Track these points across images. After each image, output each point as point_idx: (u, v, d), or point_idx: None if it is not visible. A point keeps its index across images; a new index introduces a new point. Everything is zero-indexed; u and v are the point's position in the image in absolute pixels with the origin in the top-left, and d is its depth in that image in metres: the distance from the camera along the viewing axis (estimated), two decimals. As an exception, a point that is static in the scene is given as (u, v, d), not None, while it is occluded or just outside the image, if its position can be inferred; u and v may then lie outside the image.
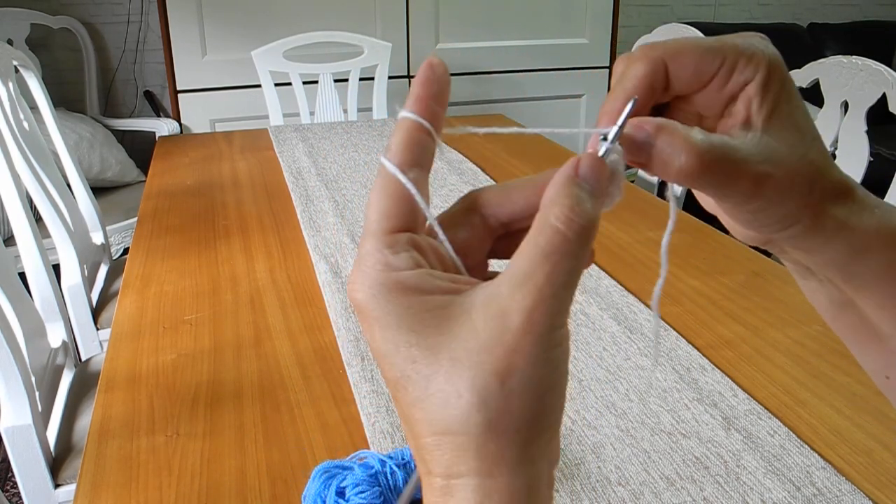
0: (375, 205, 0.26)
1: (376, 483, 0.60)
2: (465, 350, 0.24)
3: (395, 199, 0.26)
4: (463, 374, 0.24)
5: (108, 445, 0.72)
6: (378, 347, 0.25)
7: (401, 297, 0.25)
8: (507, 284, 0.24)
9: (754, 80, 0.29)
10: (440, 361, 0.24)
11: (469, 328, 0.24)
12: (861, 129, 1.37)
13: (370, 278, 0.25)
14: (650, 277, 1.07)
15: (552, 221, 0.24)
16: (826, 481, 0.65)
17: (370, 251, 0.26)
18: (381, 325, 0.25)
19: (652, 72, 0.29)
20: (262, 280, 1.07)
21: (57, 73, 2.87)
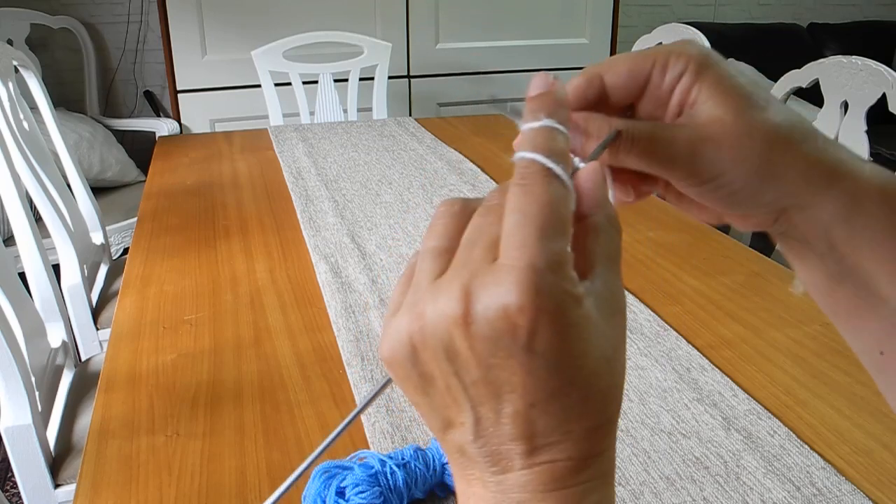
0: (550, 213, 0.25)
1: (376, 483, 0.60)
2: (612, 349, 0.27)
3: (569, 212, 0.27)
4: (615, 371, 0.27)
5: (108, 445, 0.72)
6: (551, 359, 0.25)
7: (578, 311, 0.25)
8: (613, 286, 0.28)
9: (687, 70, 0.32)
10: (598, 363, 0.26)
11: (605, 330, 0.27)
12: (861, 129, 1.37)
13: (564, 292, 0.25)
14: (650, 277, 1.07)
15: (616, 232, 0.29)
16: (826, 481, 0.65)
17: (562, 264, 0.25)
18: (564, 336, 0.25)
19: (587, 84, 0.33)
20: (262, 280, 1.07)
21: (57, 73, 2.87)
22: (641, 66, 0.32)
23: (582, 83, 0.33)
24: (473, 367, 0.25)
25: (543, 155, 0.27)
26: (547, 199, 0.26)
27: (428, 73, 2.80)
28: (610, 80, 0.33)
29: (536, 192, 0.26)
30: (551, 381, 0.25)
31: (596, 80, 0.33)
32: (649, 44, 1.98)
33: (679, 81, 0.32)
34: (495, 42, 2.85)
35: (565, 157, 0.27)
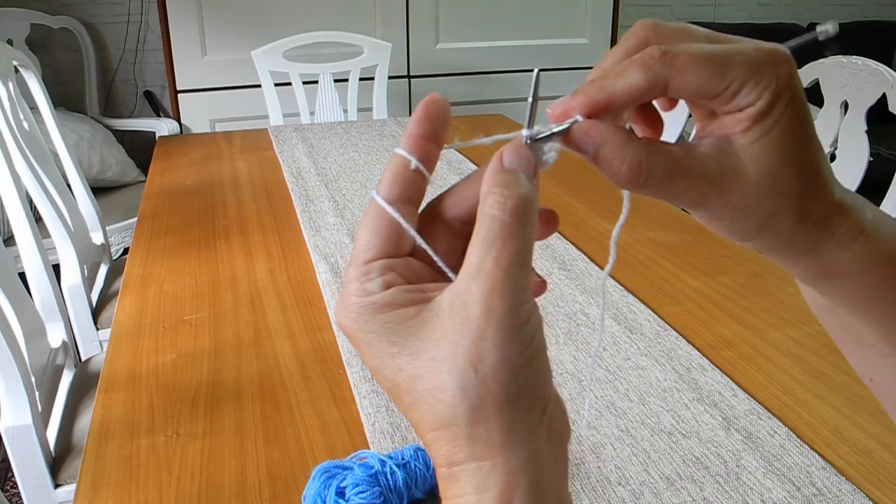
0: (358, 237, 0.29)
1: (376, 483, 0.60)
2: (438, 348, 0.26)
3: (375, 232, 0.29)
4: (441, 370, 0.26)
5: (108, 445, 0.72)
6: (369, 364, 0.28)
7: (376, 316, 0.27)
8: (463, 279, 0.26)
9: (754, 106, 0.28)
10: (421, 364, 0.26)
11: (439, 328, 0.26)
12: (861, 129, 1.37)
13: (350, 304, 0.28)
14: (650, 277, 1.07)
15: (487, 211, 0.27)
16: (826, 481, 0.65)
17: (350, 279, 0.29)
18: (366, 344, 0.28)
19: (649, 87, 0.28)
20: (262, 280, 1.07)
21: (57, 73, 2.87)
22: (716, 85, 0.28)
23: (643, 85, 0.28)
24: None
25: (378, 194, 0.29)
26: (363, 223, 0.29)
27: (428, 73, 2.80)
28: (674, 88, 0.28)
29: (362, 220, 0.29)
30: (382, 383, 0.28)
31: (660, 84, 0.28)
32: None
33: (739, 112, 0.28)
34: (495, 42, 2.85)
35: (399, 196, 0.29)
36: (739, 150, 0.29)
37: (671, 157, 0.29)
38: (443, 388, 0.26)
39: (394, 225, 0.29)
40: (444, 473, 0.27)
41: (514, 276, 0.26)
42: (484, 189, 0.27)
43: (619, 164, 0.29)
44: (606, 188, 1.49)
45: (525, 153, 0.29)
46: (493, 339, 0.25)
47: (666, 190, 0.29)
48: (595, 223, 1.28)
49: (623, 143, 0.29)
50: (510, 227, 0.26)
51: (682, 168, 0.29)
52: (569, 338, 0.89)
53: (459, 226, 0.31)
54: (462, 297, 0.26)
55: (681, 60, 0.28)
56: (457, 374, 0.26)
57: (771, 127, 0.28)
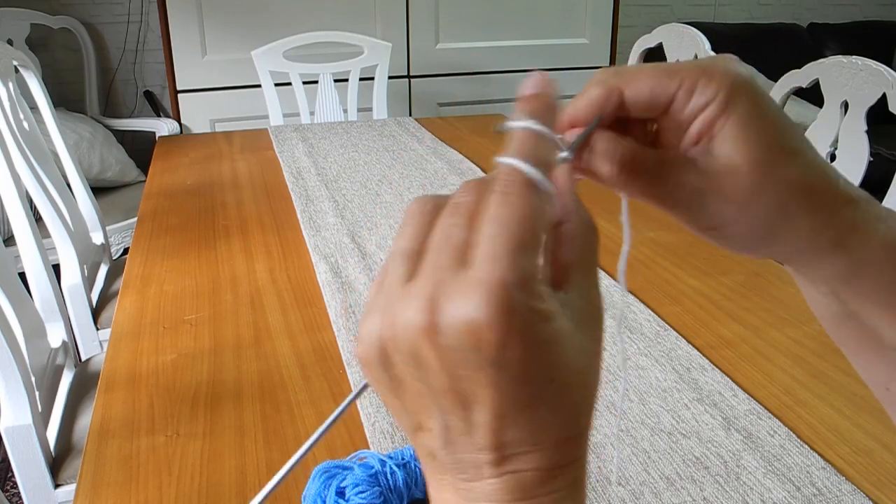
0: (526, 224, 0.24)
1: (376, 483, 0.60)
2: (584, 362, 0.26)
3: (542, 226, 0.25)
4: (587, 384, 0.27)
5: (108, 445, 0.72)
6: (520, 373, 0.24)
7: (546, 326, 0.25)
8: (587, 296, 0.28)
9: (715, 100, 0.29)
10: (570, 377, 0.26)
11: (578, 342, 0.26)
12: (861, 129, 1.37)
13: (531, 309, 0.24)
14: (650, 277, 1.07)
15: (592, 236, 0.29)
16: (826, 481, 0.65)
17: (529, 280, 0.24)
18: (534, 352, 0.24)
19: (605, 97, 0.30)
20: (262, 280, 1.07)
21: (57, 73, 2.87)
22: (666, 85, 0.29)
23: (601, 96, 0.30)
24: (441, 376, 0.25)
25: (527, 163, 0.25)
26: (526, 212, 0.25)
27: (428, 73, 2.80)
28: (630, 96, 0.30)
29: (516, 204, 0.25)
30: (520, 395, 0.25)
31: (615, 93, 0.30)
32: (649, 44, 1.98)
33: (703, 111, 0.29)
34: (495, 42, 2.85)
35: (549, 166, 0.26)
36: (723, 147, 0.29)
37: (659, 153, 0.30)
38: (586, 400, 0.27)
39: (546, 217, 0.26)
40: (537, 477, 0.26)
41: None
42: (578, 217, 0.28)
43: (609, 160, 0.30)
44: (606, 188, 1.49)
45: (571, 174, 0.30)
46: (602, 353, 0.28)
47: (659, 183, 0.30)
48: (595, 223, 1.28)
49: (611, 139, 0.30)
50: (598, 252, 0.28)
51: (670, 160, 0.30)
52: (569, 338, 0.89)
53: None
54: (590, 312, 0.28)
55: (630, 70, 0.30)
56: (595, 389, 0.27)
57: (744, 115, 0.29)
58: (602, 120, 0.31)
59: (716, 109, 0.29)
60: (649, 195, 0.31)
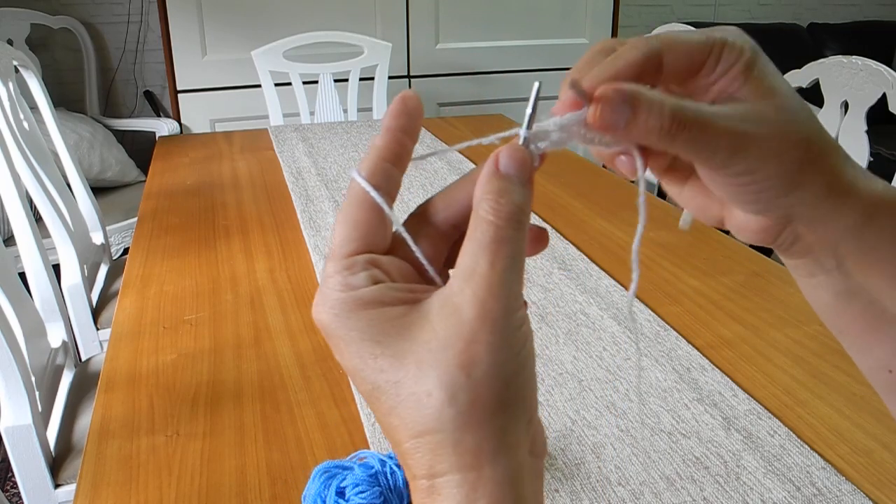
0: (338, 230, 0.28)
1: (376, 483, 0.60)
2: (427, 351, 0.25)
3: (357, 223, 0.28)
4: (429, 374, 0.25)
5: (108, 445, 0.72)
6: (347, 364, 0.27)
7: (361, 312, 0.26)
8: (456, 282, 0.26)
9: (738, 62, 0.30)
10: (406, 367, 0.25)
11: (429, 330, 0.25)
12: (861, 129, 1.37)
13: (331, 299, 0.27)
14: (650, 277, 1.07)
15: (482, 215, 0.26)
16: (826, 481, 0.65)
17: (330, 273, 0.27)
18: (346, 342, 0.26)
19: (646, 61, 0.30)
20: (262, 280, 1.07)
21: (57, 73, 2.87)
22: (701, 52, 0.30)
23: (640, 58, 0.30)
24: None
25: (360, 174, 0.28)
26: (342, 216, 0.28)
27: (428, 73, 2.80)
28: (668, 61, 0.30)
29: (340, 212, 0.28)
30: (360, 385, 0.26)
31: (655, 57, 0.30)
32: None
33: (727, 73, 0.31)
34: (495, 42, 2.85)
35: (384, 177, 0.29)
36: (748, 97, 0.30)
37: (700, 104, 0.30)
38: (430, 392, 0.25)
39: (375, 217, 0.28)
40: (424, 485, 0.25)
41: (508, 280, 0.26)
42: (478, 193, 0.27)
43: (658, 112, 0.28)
44: (606, 188, 1.49)
45: (522, 156, 0.28)
46: (486, 342, 0.25)
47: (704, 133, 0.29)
48: (595, 223, 1.28)
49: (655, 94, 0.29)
50: (504, 232, 0.26)
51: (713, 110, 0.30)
52: (569, 338, 0.89)
53: (449, 229, 0.31)
54: (454, 298, 0.26)
55: (667, 36, 0.31)
56: (447, 377, 0.25)
57: (762, 74, 0.30)
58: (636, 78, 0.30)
59: (740, 69, 0.30)
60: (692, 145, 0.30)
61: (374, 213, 0.28)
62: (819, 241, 0.33)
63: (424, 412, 0.25)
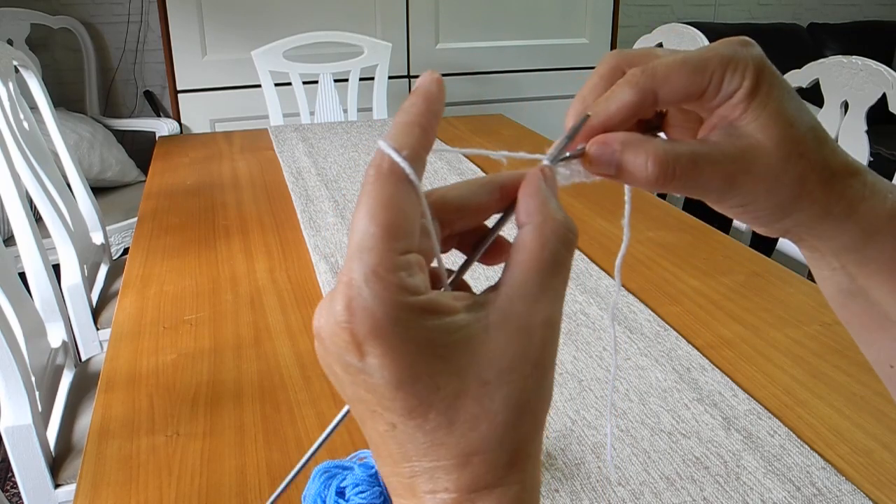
0: (379, 217, 0.23)
1: (376, 483, 0.60)
2: (495, 371, 0.24)
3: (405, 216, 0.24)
4: (496, 395, 0.24)
5: (108, 445, 0.72)
6: (391, 380, 0.23)
7: (424, 322, 0.23)
8: (521, 301, 0.25)
9: (741, 88, 0.30)
10: (468, 385, 0.24)
11: (494, 348, 0.24)
12: (861, 128, 1.37)
13: (388, 304, 0.22)
14: (650, 277, 1.07)
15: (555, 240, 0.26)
16: (826, 481, 0.65)
17: (382, 274, 0.23)
18: (400, 354, 0.23)
19: (640, 101, 0.30)
20: (262, 280, 1.07)
21: (57, 73, 2.87)
22: (699, 82, 0.29)
23: (634, 100, 0.30)
24: (342, 384, 0.24)
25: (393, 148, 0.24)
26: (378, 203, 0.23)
27: (428, 73, 2.80)
28: (663, 96, 0.30)
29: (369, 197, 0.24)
30: (403, 400, 0.23)
31: (650, 96, 0.30)
32: (649, 44, 1.98)
33: (730, 98, 0.30)
34: (495, 42, 2.85)
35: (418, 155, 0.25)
36: (746, 130, 0.30)
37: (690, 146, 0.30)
38: (495, 412, 0.24)
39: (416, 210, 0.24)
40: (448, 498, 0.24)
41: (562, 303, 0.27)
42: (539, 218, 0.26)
43: (643, 162, 0.29)
44: (606, 188, 1.49)
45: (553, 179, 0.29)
46: (548, 365, 0.25)
47: (694, 178, 0.30)
48: (595, 223, 1.28)
49: (642, 140, 0.29)
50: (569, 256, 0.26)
51: (703, 154, 0.30)
52: (569, 338, 0.89)
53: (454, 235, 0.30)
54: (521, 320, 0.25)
55: (661, 71, 0.30)
56: (514, 400, 0.24)
57: (766, 100, 0.30)
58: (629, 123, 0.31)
59: (742, 96, 0.30)
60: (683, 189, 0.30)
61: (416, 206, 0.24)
62: (821, 249, 0.33)
63: (485, 433, 0.24)
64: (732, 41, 0.30)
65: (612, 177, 0.30)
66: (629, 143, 0.29)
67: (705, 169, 0.29)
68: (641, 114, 0.30)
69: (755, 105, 0.30)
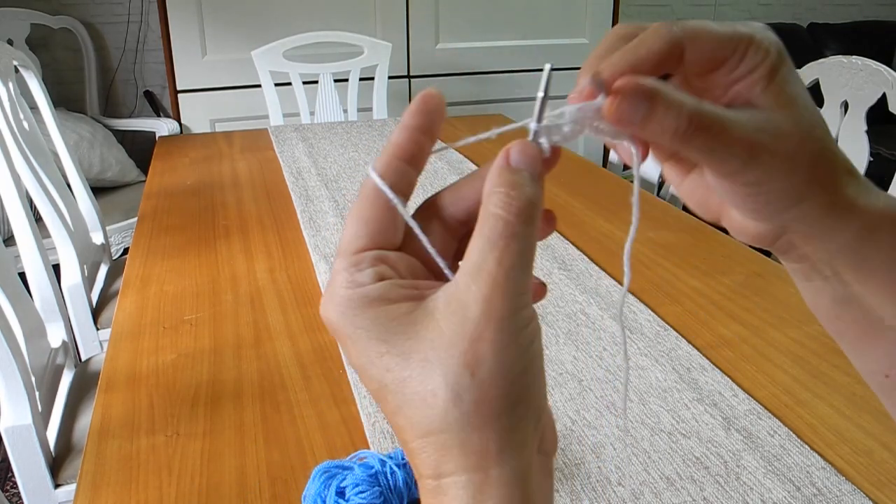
0: (348, 227, 0.28)
1: (376, 483, 0.60)
2: (432, 349, 0.25)
3: (366, 220, 0.28)
4: (434, 373, 0.25)
5: (108, 445, 0.72)
6: (354, 363, 0.27)
7: (367, 310, 0.26)
8: (463, 279, 0.25)
9: (762, 65, 0.29)
10: (412, 365, 0.25)
11: (434, 328, 0.25)
12: (861, 129, 1.37)
13: (338, 296, 0.27)
14: (650, 277, 1.07)
15: (492, 210, 0.26)
16: (826, 481, 0.65)
17: (338, 270, 0.27)
18: (353, 340, 0.26)
19: (668, 51, 0.29)
20: (262, 280, 1.07)
21: (57, 73, 2.87)
22: (725, 49, 0.29)
23: (663, 47, 0.29)
24: None
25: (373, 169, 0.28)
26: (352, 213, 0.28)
27: (428, 73, 2.80)
28: (690, 52, 0.29)
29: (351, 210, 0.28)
30: (368, 384, 0.26)
31: (678, 48, 0.29)
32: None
33: (749, 75, 0.29)
34: (495, 42, 2.85)
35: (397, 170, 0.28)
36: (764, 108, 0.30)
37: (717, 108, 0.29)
38: (435, 391, 0.24)
39: (386, 214, 0.28)
40: (430, 486, 0.25)
41: (516, 278, 0.25)
42: (488, 187, 0.26)
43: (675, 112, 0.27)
44: (606, 188, 1.49)
45: (532, 151, 0.28)
46: (492, 341, 0.24)
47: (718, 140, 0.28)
48: (595, 223, 1.28)
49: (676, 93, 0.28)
50: (514, 228, 0.25)
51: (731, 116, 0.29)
52: (569, 338, 0.89)
53: (456, 225, 0.30)
54: (460, 296, 0.25)
55: (692, 27, 0.29)
56: (452, 377, 0.24)
57: (784, 81, 0.29)
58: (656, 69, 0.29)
59: (763, 72, 0.29)
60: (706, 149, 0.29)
61: (385, 210, 0.28)
62: (815, 252, 0.33)
63: (430, 412, 0.24)
64: (753, 24, 0.30)
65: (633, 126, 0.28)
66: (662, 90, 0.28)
67: (732, 131, 0.28)
68: (667, 68, 0.29)
69: (774, 84, 0.29)
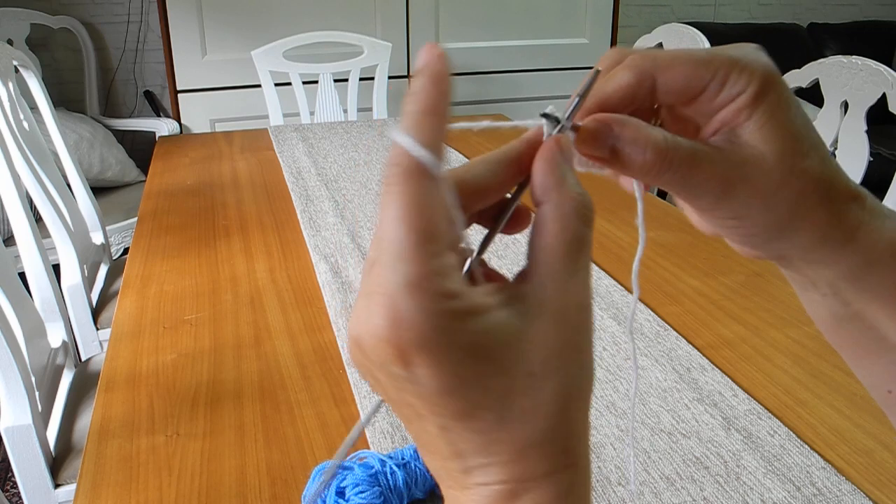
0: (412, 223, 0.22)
1: (376, 483, 0.60)
2: (539, 361, 0.24)
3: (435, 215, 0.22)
4: (544, 386, 0.24)
5: (108, 445, 0.72)
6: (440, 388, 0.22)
7: (466, 326, 0.22)
8: (552, 286, 0.24)
9: (746, 91, 0.28)
10: (515, 380, 0.23)
11: (535, 339, 0.24)
12: (861, 129, 1.37)
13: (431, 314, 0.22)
14: (650, 277, 1.07)
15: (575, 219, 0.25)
16: (826, 481, 0.65)
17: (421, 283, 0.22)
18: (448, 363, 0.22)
19: (637, 83, 0.29)
20: (262, 280, 1.07)
21: (57, 73, 2.87)
22: (701, 76, 0.28)
23: (632, 82, 0.29)
24: (385, 389, 0.24)
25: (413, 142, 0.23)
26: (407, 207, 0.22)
27: (428, 73, 2.80)
28: (663, 84, 0.29)
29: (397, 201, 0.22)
30: (453, 405, 0.23)
31: (648, 80, 0.29)
32: (649, 44, 1.98)
33: (733, 101, 0.29)
34: (495, 42, 2.85)
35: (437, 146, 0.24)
36: (748, 138, 0.29)
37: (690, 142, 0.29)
38: (545, 404, 0.24)
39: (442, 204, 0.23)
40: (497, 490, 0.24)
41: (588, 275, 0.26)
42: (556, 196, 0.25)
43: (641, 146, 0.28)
44: (606, 188, 1.49)
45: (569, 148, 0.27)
46: (589, 347, 0.25)
47: (690, 175, 0.28)
48: (595, 223, 1.28)
49: (642, 124, 0.28)
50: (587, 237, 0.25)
51: (703, 152, 0.28)
52: (569, 338, 0.89)
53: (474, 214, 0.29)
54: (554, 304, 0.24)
55: (663, 58, 0.29)
56: (561, 388, 0.24)
57: (771, 109, 0.29)
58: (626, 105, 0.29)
59: (746, 100, 0.28)
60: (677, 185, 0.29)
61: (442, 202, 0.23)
62: (814, 275, 0.32)
63: (539, 425, 0.24)
64: (743, 46, 0.29)
65: (603, 161, 0.29)
66: (628, 123, 0.28)
67: (703, 167, 0.28)
68: (638, 101, 0.29)
69: (759, 113, 0.28)
